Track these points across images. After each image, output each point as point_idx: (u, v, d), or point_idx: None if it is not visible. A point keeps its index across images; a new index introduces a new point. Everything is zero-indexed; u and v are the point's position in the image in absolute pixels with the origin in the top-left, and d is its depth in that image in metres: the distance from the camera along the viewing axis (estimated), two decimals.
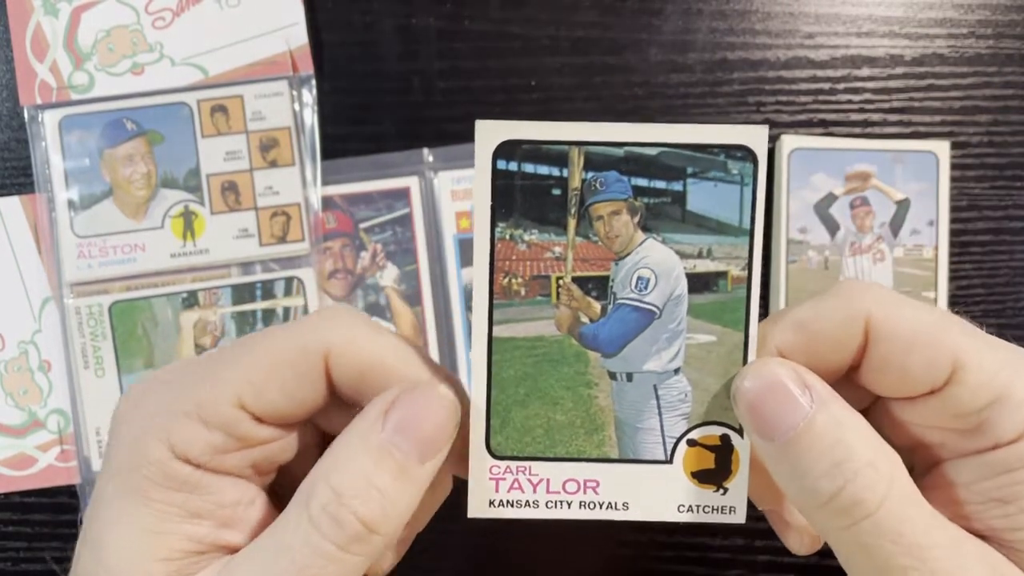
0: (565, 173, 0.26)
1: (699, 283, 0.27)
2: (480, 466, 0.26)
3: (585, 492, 0.27)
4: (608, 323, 0.27)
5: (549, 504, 0.27)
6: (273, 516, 0.22)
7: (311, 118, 0.44)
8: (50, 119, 0.43)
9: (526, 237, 0.27)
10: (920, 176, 0.44)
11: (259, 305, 0.43)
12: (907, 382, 0.21)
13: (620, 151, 0.26)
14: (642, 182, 0.26)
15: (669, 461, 0.27)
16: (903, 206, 0.45)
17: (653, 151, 0.26)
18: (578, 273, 0.27)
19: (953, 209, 0.46)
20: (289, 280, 0.43)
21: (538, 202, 0.26)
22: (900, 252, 0.45)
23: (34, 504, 0.44)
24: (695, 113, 0.46)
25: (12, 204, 0.44)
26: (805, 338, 0.22)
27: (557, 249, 0.27)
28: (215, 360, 0.22)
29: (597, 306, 0.27)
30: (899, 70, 0.46)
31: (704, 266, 0.27)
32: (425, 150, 0.45)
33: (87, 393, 0.43)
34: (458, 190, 0.45)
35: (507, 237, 0.26)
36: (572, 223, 0.27)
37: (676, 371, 0.26)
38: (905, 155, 0.44)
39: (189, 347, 0.43)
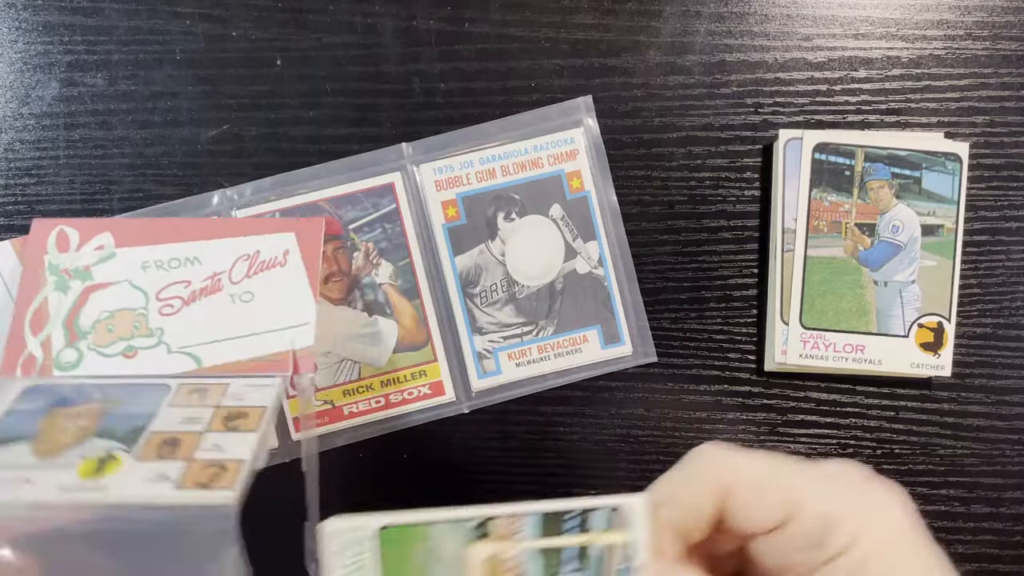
0: (852, 162, 0.44)
1: (927, 230, 0.44)
2: (794, 333, 0.43)
3: (855, 352, 0.44)
4: (874, 251, 0.44)
5: (834, 359, 0.43)
6: None
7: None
8: (13, 387, 0.39)
9: (829, 198, 0.44)
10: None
11: (571, 540, 0.29)
12: (755, 524, 0.26)
13: (885, 152, 0.44)
14: (897, 170, 0.44)
15: (907, 336, 0.44)
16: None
17: (904, 152, 0.44)
18: (858, 220, 0.44)
19: None
20: (613, 511, 0.29)
21: (837, 178, 0.44)
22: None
23: None
24: (694, 114, 0.46)
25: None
26: (673, 515, 0.27)
27: (846, 206, 0.44)
28: None
29: (868, 240, 0.44)
30: (896, 71, 0.46)
31: (930, 220, 0.44)
32: (403, 144, 0.45)
33: None
34: (441, 180, 0.45)
35: (817, 197, 0.44)
36: (856, 191, 0.44)
37: (913, 282, 0.44)
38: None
39: None
